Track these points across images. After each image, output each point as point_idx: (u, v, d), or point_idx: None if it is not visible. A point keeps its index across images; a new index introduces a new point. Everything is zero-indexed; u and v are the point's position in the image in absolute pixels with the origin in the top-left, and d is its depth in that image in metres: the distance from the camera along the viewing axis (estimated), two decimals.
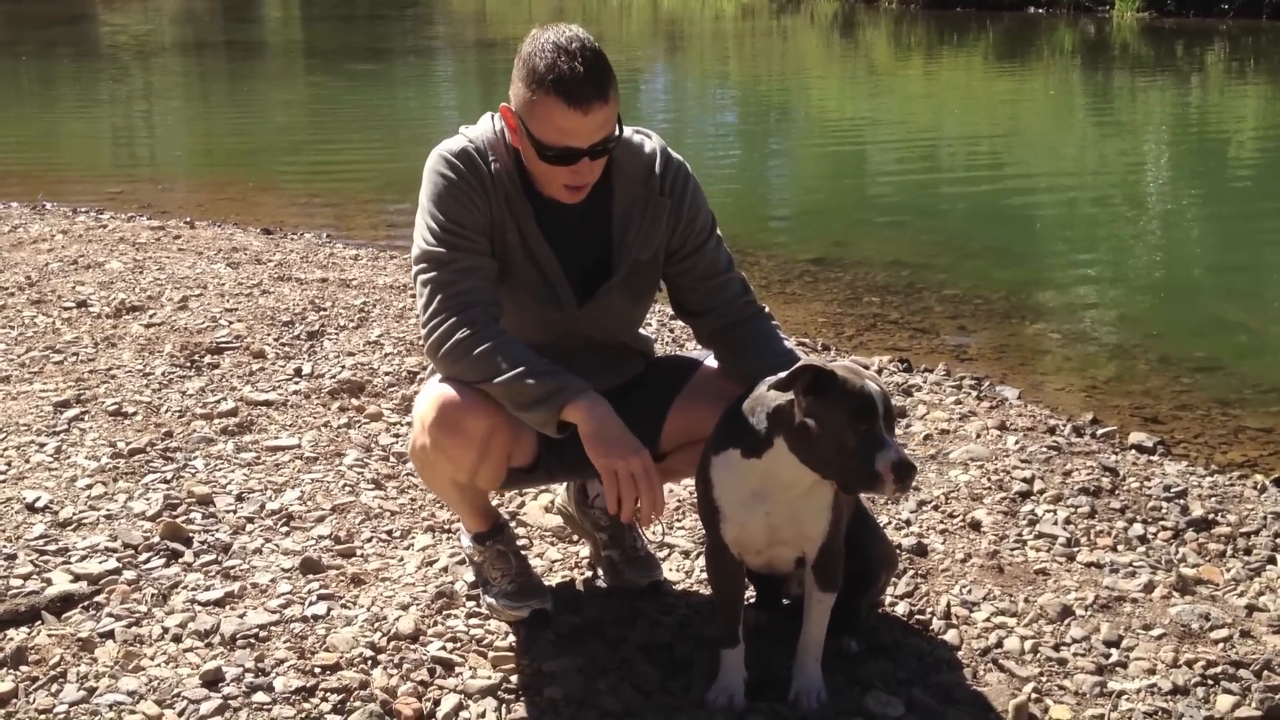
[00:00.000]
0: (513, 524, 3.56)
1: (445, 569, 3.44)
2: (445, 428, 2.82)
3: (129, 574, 3.36)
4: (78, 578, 3.31)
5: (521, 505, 3.87)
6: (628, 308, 3.01)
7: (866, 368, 2.60)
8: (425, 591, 3.28)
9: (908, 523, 3.81)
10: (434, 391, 2.86)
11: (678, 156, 2.98)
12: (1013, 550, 3.63)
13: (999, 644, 3.10)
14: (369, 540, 3.65)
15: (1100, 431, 4.81)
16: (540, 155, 2.71)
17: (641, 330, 3.20)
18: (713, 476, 2.72)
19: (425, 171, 2.85)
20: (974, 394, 5.24)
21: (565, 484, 3.48)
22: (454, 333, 2.73)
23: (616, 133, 2.75)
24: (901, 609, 3.28)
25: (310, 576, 3.38)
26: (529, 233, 2.86)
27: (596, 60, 2.65)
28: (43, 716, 2.72)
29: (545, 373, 2.68)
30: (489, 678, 2.89)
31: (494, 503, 3.31)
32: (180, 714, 2.73)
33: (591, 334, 2.99)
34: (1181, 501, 3.99)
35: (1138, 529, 3.78)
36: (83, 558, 3.44)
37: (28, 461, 4.15)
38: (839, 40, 26.79)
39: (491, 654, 2.98)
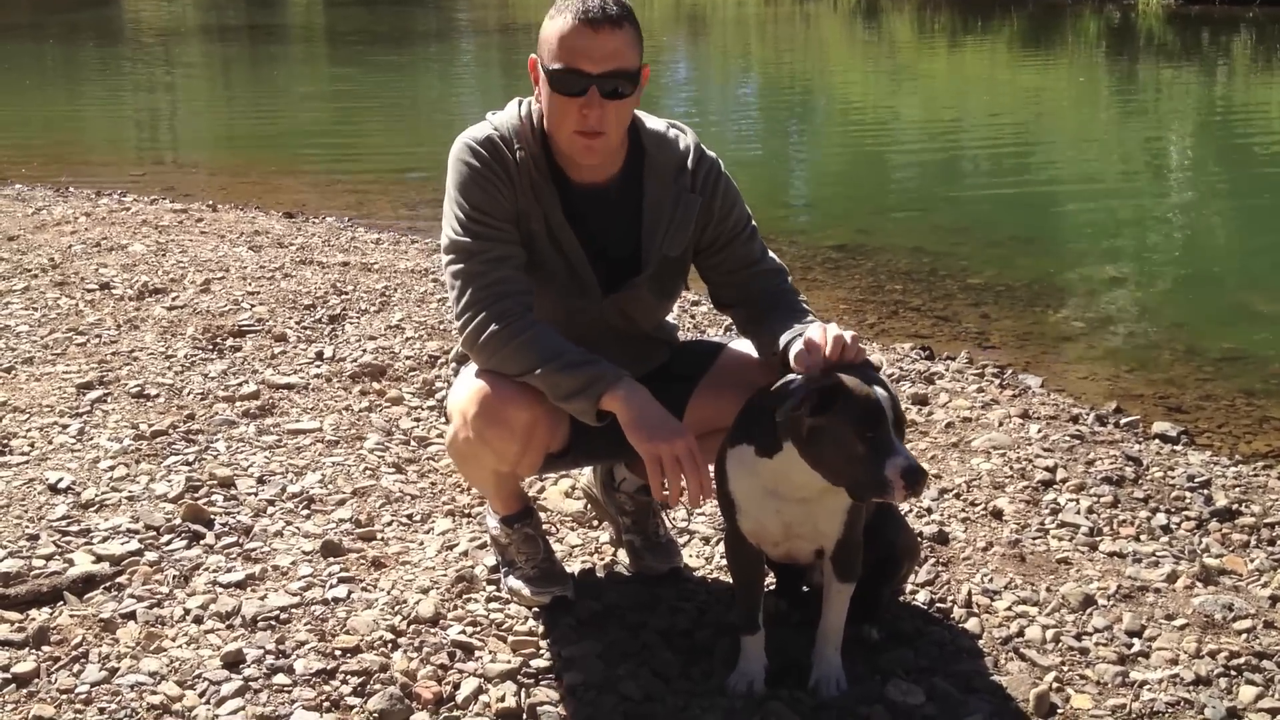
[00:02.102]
0: None
1: (465, 553, 3.44)
2: (488, 420, 2.80)
3: (151, 555, 3.37)
4: (100, 559, 3.33)
5: (542, 490, 3.87)
6: (655, 302, 3.00)
7: (877, 369, 2.56)
8: (445, 575, 3.29)
9: (929, 510, 3.80)
10: (473, 384, 2.84)
11: (711, 154, 2.96)
12: (1035, 539, 3.61)
13: (1020, 633, 3.09)
14: (389, 524, 3.65)
15: (1124, 420, 4.79)
16: (551, 84, 2.71)
17: (668, 318, 3.20)
18: (728, 469, 2.71)
19: (450, 160, 2.84)
20: (996, 382, 5.21)
21: (591, 467, 3.48)
22: (488, 325, 2.72)
23: (631, 73, 2.71)
24: (923, 597, 3.27)
25: (331, 559, 3.38)
26: (555, 220, 2.84)
27: (619, 1, 2.71)
28: (64, 697, 2.73)
29: (581, 363, 2.67)
30: (509, 662, 2.89)
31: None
32: (201, 695, 2.73)
33: (617, 324, 2.97)
34: (1205, 491, 3.97)
35: (1161, 519, 3.76)
36: (105, 539, 3.45)
37: (51, 443, 4.17)
38: (862, 27, 26.69)
39: (511, 638, 2.98)
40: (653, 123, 2.93)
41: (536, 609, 3.11)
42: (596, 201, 2.86)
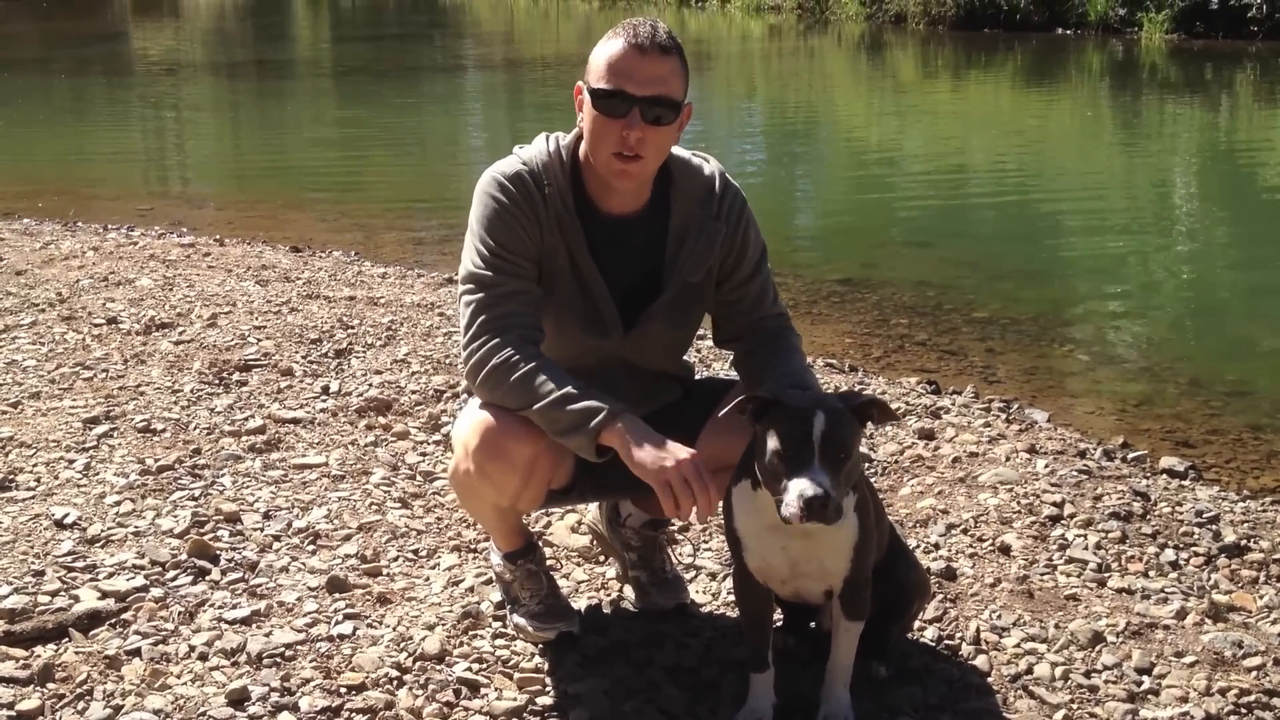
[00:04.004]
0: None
1: (471, 589, 3.43)
2: (489, 453, 2.81)
3: (156, 591, 3.37)
4: (105, 595, 3.32)
5: (548, 525, 3.86)
6: (670, 333, 3.01)
7: (856, 395, 2.57)
8: (451, 611, 3.28)
9: (936, 546, 3.79)
10: (476, 417, 2.84)
11: (735, 184, 2.99)
12: (1043, 575, 3.60)
13: (1029, 670, 3.07)
14: (395, 559, 3.65)
15: (1131, 455, 4.78)
16: (595, 104, 2.74)
17: (684, 359, 3.20)
18: (733, 506, 2.72)
19: (476, 192, 2.86)
20: (1003, 416, 5.20)
21: (596, 503, 3.48)
22: (491, 357, 2.72)
23: (674, 102, 2.75)
24: (930, 634, 3.25)
25: (336, 595, 3.38)
26: (579, 257, 2.86)
27: (668, 32, 2.77)
28: None
29: (581, 398, 2.67)
30: (515, 699, 2.88)
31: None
32: None
33: (633, 360, 2.98)
34: (1214, 527, 3.95)
35: (1169, 554, 3.74)
36: (110, 575, 3.45)
37: (57, 478, 4.17)
38: (866, 61, 26.77)
39: (517, 675, 2.97)
40: (677, 150, 2.96)
41: (542, 645, 3.10)
42: (623, 232, 2.89)
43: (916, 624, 3.25)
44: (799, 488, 2.37)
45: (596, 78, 2.75)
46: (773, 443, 2.47)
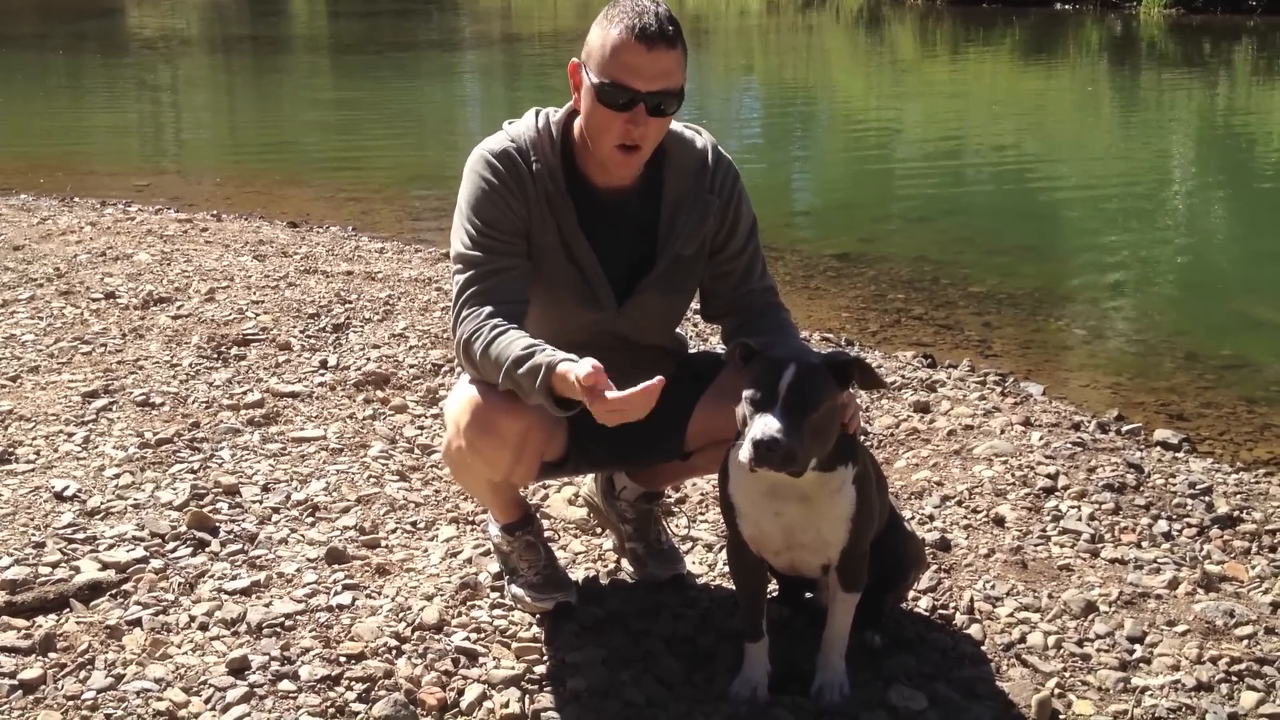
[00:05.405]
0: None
1: (469, 560, 3.45)
2: (480, 430, 2.81)
3: (156, 563, 3.39)
4: (106, 566, 3.34)
5: (545, 498, 3.88)
6: (665, 305, 3.00)
7: (840, 354, 2.59)
8: (449, 582, 3.30)
9: (931, 518, 3.81)
10: (466, 394, 2.85)
11: (728, 156, 2.99)
12: (1036, 546, 3.63)
13: (1022, 639, 3.10)
14: (394, 531, 3.67)
15: (1125, 428, 4.80)
16: (598, 97, 2.70)
17: (677, 331, 3.21)
18: (730, 471, 2.73)
19: (465, 170, 2.85)
20: (998, 390, 5.22)
21: (591, 475, 3.50)
22: (464, 333, 2.73)
23: (678, 91, 2.72)
24: (925, 603, 3.28)
25: (335, 566, 3.40)
26: (570, 232, 2.85)
27: (670, 18, 2.69)
28: (71, 703, 2.74)
29: (525, 359, 2.60)
30: (513, 668, 2.90)
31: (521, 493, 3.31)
32: (207, 701, 2.75)
33: (629, 335, 2.98)
34: (1206, 498, 3.98)
35: (1162, 525, 3.77)
36: (110, 546, 3.47)
37: (56, 451, 4.18)
38: (864, 36, 26.73)
39: (515, 645, 3.00)
40: (671, 124, 2.93)
41: (540, 615, 3.13)
42: (617, 206, 2.88)
43: (911, 594, 3.28)
44: (749, 435, 2.40)
45: (599, 68, 2.69)
46: (745, 390, 2.50)
